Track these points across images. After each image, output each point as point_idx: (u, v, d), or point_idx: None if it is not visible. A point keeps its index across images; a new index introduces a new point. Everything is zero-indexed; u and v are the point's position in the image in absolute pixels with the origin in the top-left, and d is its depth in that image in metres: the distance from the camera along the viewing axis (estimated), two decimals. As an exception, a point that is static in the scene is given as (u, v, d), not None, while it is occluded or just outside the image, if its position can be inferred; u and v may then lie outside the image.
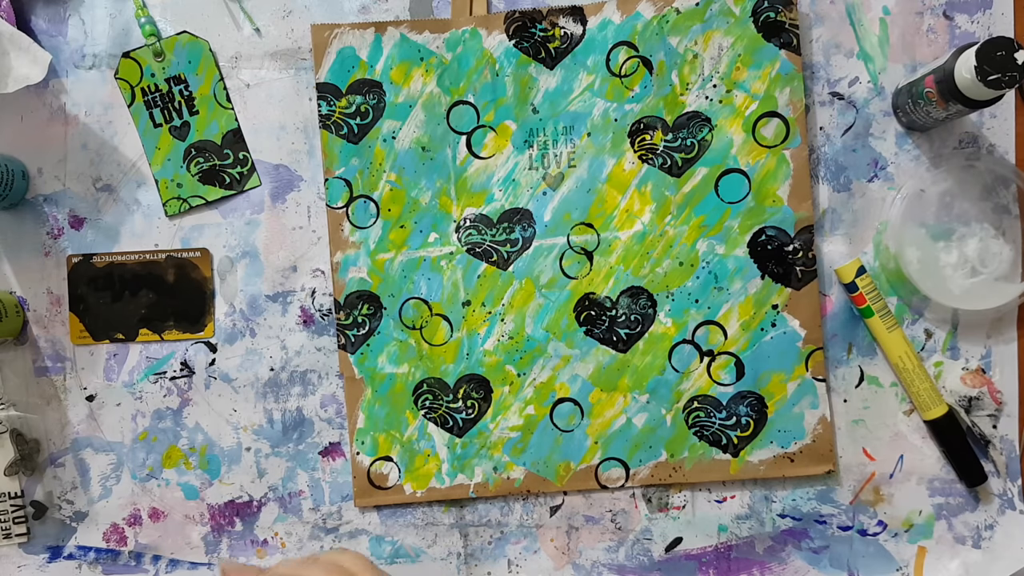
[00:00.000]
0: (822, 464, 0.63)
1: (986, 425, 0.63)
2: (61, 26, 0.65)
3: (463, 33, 0.63)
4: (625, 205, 0.63)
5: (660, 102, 0.63)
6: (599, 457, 0.63)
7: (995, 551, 0.63)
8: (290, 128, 0.65)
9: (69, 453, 0.65)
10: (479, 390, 0.64)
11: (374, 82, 0.64)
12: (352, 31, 0.64)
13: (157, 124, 0.65)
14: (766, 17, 0.62)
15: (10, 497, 0.64)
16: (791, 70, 0.62)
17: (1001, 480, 0.63)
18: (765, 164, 0.63)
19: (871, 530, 0.64)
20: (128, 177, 0.65)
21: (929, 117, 0.60)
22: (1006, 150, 0.63)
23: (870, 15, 0.63)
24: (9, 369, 0.65)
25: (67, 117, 0.65)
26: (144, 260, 0.65)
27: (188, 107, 0.65)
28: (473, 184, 0.64)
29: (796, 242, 0.62)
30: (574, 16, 0.63)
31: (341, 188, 0.64)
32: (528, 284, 0.63)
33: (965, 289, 0.61)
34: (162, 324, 0.65)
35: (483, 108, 0.64)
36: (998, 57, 0.53)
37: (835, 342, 0.63)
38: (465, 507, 0.64)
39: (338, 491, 0.65)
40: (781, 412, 0.63)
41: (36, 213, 0.65)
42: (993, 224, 0.62)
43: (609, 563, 0.64)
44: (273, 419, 0.65)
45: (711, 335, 0.63)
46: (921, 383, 0.62)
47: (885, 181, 0.63)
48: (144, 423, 0.65)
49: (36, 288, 0.65)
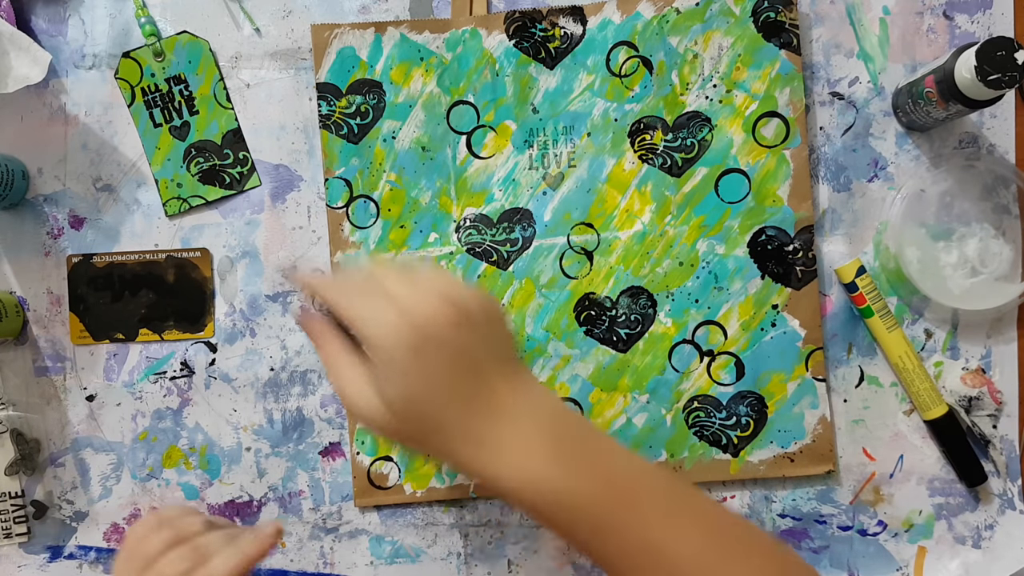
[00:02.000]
0: (822, 464, 0.63)
1: (986, 425, 0.63)
2: (61, 26, 0.65)
3: (463, 33, 0.63)
4: (625, 205, 0.63)
5: (660, 102, 0.63)
6: (599, 457, 0.63)
7: (995, 551, 0.63)
8: (290, 128, 0.65)
9: (69, 453, 0.65)
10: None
11: (374, 82, 0.64)
12: (352, 31, 0.64)
13: (157, 124, 0.65)
14: (766, 17, 0.62)
15: (10, 497, 0.64)
16: (791, 70, 0.62)
17: (1001, 480, 0.63)
18: (765, 164, 0.63)
19: (871, 530, 0.64)
20: (128, 177, 0.65)
21: (929, 117, 0.60)
22: (1006, 150, 0.63)
23: (870, 15, 0.63)
24: (9, 369, 0.65)
25: (67, 117, 0.65)
26: (144, 260, 0.65)
27: (188, 107, 0.65)
28: (473, 184, 0.64)
29: (796, 242, 0.62)
30: (574, 16, 0.63)
31: (341, 188, 0.64)
32: (528, 284, 0.63)
33: (965, 289, 0.61)
34: (162, 324, 0.65)
35: (483, 108, 0.64)
36: (998, 57, 0.53)
37: (835, 342, 0.63)
38: (465, 507, 0.64)
39: (338, 491, 0.65)
40: (781, 412, 0.63)
41: (36, 213, 0.65)
42: (993, 224, 0.62)
43: (609, 563, 0.64)
44: (273, 419, 0.65)
45: (711, 335, 0.63)
46: (921, 383, 0.62)
47: (885, 181, 0.63)
48: (144, 423, 0.65)
49: (36, 288, 0.65)
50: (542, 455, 0.42)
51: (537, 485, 0.41)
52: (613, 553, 0.42)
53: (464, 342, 0.42)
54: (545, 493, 0.41)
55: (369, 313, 0.42)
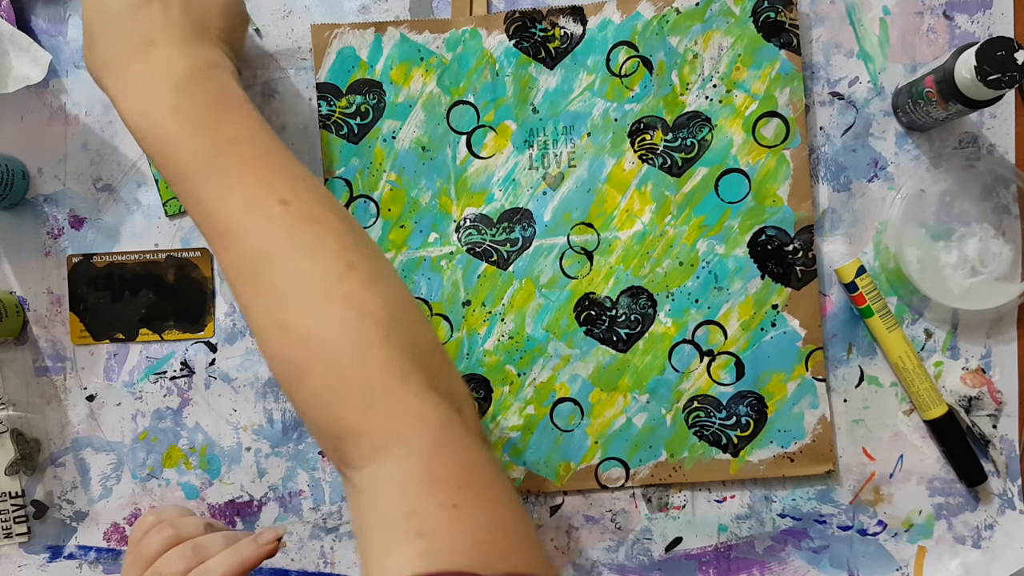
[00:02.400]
0: (822, 464, 0.63)
1: (986, 425, 0.63)
2: (61, 26, 0.65)
3: (463, 33, 0.63)
4: (625, 205, 0.63)
5: (660, 102, 0.63)
6: (599, 457, 0.63)
7: (995, 551, 0.63)
8: (290, 128, 0.65)
9: (69, 453, 0.65)
10: (479, 390, 0.64)
11: (374, 82, 0.64)
12: (352, 31, 0.64)
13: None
14: (766, 17, 0.62)
15: (11, 496, 0.64)
16: (791, 70, 0.62)
17: (1001, 480, 0.63)
18: (765, 164, 0.63)
19: (871, 530, 0.64)
20: (128, 177, 0.65)
21: (929, 117, 0.60)
22: (1006, 150, 0.63)
23: (870, 15, 0.63)
24: (9, 369, 0.65)
25: (67, 117, 0.65)
26: (144, 260, 0.65)
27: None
28: (473, 184, 0.64)
29: (796, 242, 0.62)
30: (574, 16, 0.63)
31: (341, 188, 0.64)
32: (528, 284, 0.63)
33: (965, 289, 0.61)
34: (162, 324, 0.65)
35: (483, 108, 0.64)
36: (998, 57, 0.53)
37: (835, 342, 0.63)
38: (465, 507, 0.64)
39: (338, 491, 0.65)
40: (781, 412, 0.63)
41: (36, 213, 0.65)
42: (993, 224, 0.62)
43: (609, 563, 0.64)
44: (273, 419, 0.65)
45: (711, 335, 0.63)
46: (921, 383, 0.62)
47: (885, 181, 0.63)
48: (144, 423, 0.65)
49: (36, 288, 0.65)
50: (166, 103, 0.48)
51: (153, 129, 0.48)
52: (198, 216, 0.47)
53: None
54: (158, 138, 0.48)
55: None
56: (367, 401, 0.42)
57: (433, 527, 0.39)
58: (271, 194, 0.46)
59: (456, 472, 0.41)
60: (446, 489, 0.40)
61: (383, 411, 0.42)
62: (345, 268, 0.44)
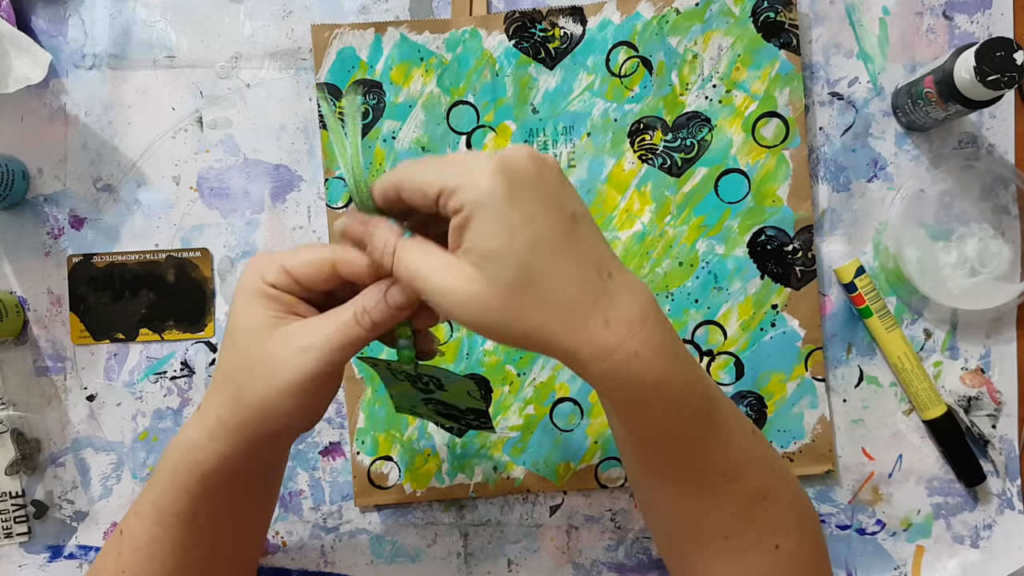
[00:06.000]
0: (821, 464, 0.63)
1: (985, 425, 0.63)
2: (61, 26, 0.65)
3: (463, 33, 0.63)
4: (625, 205, 0.63)
5: (660, 102, 0.63)
6: (599, 457, 0.63)
7: (993, 551, 0.63)
8: (290, 128, 0.65)
9: (69, 453, 0.65)
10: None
11: (374, 82, 0.64)
12: (352, 31, 0.64)
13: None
14: (766, 17, 0.62)
15: (11, 496, 0.64)
16: (791, 70, 0.62)
17: (1000, 480, 0.63)
18: (765, 164, 0.63)
19: (869, 529, 0.64)
20: (128, 177, 0.65)
21: (928, 117, 0.60)
22: (1006, 150, 0.63)
23: (870, 15, 0.63)
24: (9, 369, 0.65)
25: (67, 117, 0.65)
26: (144, 260, 0.65)
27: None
28: (473, 184, 0.64)
29: (796, 242, 0.63)
30: (574, 16, 0.63)
31: (341, 188, 0.64)
32: (528, 284, 0.63)
33: (964, 289, 0.61)
34: (162, 324, 0.65)
35: (483, 108, 0.64)
36: (997, 57, 0.53)
37: (834, 342, 0.64)
38: (465, 507, 0.65)
39: (338, 490, 0.65)
40: (780, 412, 0.63)
41: (36, 213, 0.65)
42: (993, 224, 0.62)
43: (609, 562, 0.64)
44: (273, 419, 0.65)
45: (711, 335, 0.63)
46: (920, 383, 0.62)
47: (885, 181, 0.64)
48: (144, 423, 0.65)
49: (36, 288, 0.65)
50: (657, 341, 0.39)
51: (651, 374, 0.39)
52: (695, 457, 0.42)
53: (550, 180, 0.39)
54: (667, 380, 0.40)
55: (451, 168, 0.39)
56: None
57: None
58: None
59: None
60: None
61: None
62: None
